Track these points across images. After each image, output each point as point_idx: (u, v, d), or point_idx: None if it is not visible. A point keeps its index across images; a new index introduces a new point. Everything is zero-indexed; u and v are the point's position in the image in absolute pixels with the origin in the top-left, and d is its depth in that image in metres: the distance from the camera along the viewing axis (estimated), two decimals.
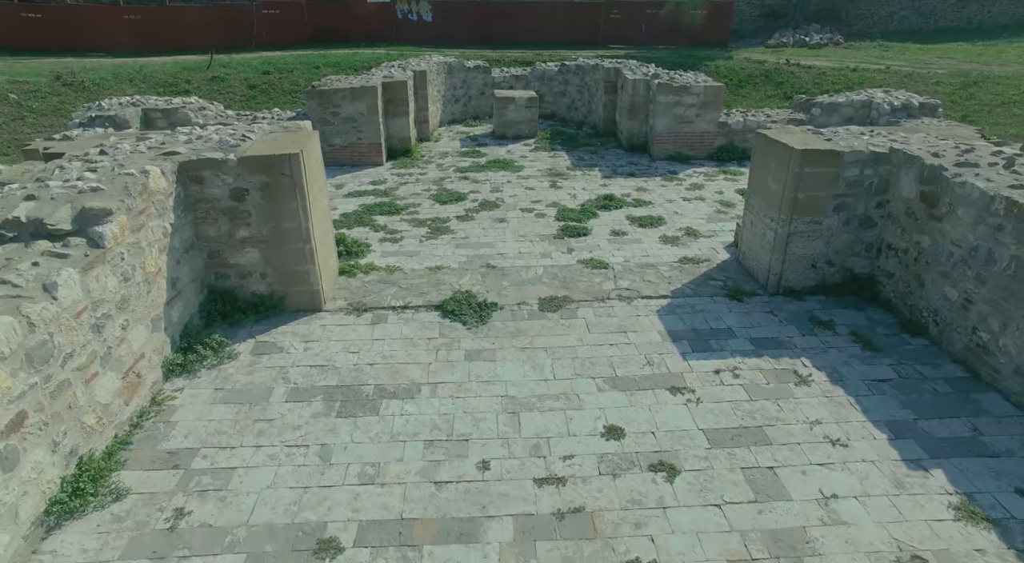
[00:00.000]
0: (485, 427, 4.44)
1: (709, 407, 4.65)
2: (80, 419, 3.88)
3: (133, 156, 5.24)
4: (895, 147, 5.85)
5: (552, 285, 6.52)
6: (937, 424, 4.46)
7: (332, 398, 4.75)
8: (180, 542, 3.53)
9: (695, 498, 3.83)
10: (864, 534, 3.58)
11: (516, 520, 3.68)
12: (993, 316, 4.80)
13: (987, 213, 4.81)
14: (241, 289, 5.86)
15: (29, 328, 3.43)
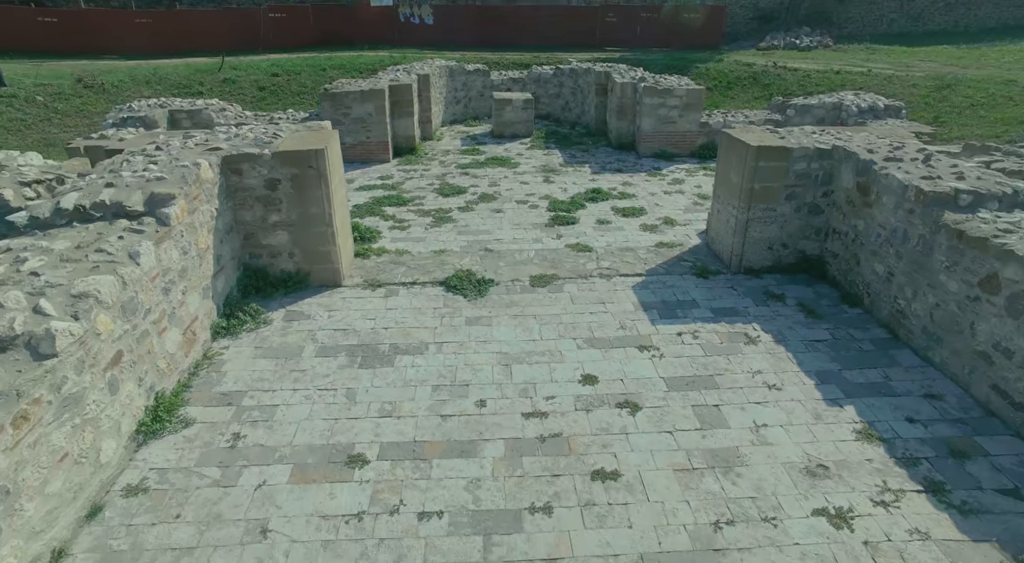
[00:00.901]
0: (482, 376, 5.35)
1: (670, 361, 5.56)
2: (156, 363, 4.80)
3: (184, 151, 6.16)
4: (837, 144, 6.77)
5: (542, 265, 7.44)
6: (857, 373, 5.38)
7: (354, 354, 5.67)
8: (239, 456, 4.45)
9: (652, 427, 4.75)
10: (783, 451, 4.49)
11: (507, 442, 4.59)
12: (907, 286, 5.71)
13: (903, 199, 5.73)
14: (272, 266, 6.78)
15: (123, 286, 4.34)
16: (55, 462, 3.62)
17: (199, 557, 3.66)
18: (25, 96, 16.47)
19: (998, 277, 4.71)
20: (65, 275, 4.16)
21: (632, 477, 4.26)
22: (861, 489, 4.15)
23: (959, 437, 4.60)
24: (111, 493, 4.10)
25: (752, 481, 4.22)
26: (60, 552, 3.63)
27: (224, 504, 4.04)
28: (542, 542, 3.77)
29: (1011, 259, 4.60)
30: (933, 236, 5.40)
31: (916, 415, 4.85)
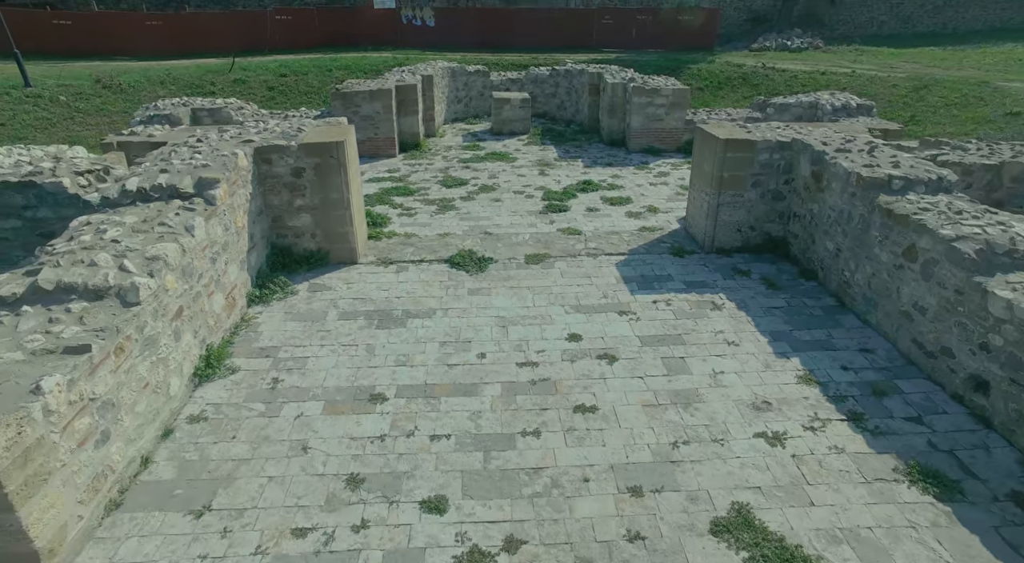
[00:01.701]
0: (483, 334, 6.23)
1: (645, 323, 6.44)
2: (206, 320, 5.67)
3: (222, 143, 7.04)
4: (796, 138, 7.65)
5: (536, 246, 8.31)
6: (805, 333, 6.26)
7: (371, 318, 6.54)
8: (279, 395, 5.32)
9: (626, 373, 5.62)
10: (735, 391, 5.37)
11: (503, 385, 5.47)
12: (851, 259, 6.59)
13: (847, 184, 6.61)
14: (296, 246, 7.66)
15: (183, 253, 5.22)
16: (140, 388, 4.50)
17: (254, 465, 4.54)
18: (49, 96, 17.34)
19: (915, 247, 5.59)
20: (139, 242, 5.04)
21: (607, 410, 5.14)
22: (795, 419, 5.02)
23: (882, 380, 5.48)
24: (178, 420, 4.98)
25: (707, 413, 5.10)
26: (146, 459, 4.51)
27: (270, 429, 4.92)
28: (531, 456, 4.64)
29: (925, 232, 5.47)
30: (870, 215, 6.27)
31: (850, 365, 5.72)
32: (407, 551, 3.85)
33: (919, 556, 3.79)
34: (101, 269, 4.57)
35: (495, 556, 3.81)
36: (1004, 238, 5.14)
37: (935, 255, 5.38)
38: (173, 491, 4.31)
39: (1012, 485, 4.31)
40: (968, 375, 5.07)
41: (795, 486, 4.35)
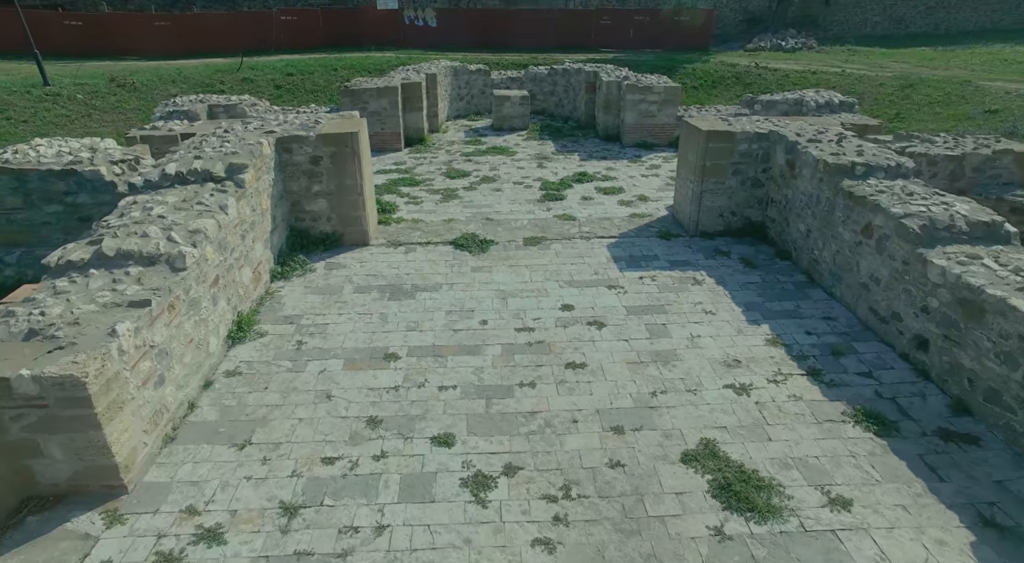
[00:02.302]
0: (485, 305, 6.90)
1: (631, 296, 7.11)
2: (237, 290, 6.35)
3: (247, 133, 7.71)
4: (772, 130, 8.33)
5: (533, 230, 8.99)
6: (776, 304, 6.93)
7: (383, 291, 7.22)
8: (304, 354, 5.99)
9: (613, 337, 6.29)
10: (709, 352, 6.04)
11: (503, 346, 6.14)
12: (819, 239, 7.26)
13: (816, 171, 7.28)
14: (313, 228, 8.33)
15: (219, 228, 5.89)
16: (187, 343, 5.17)
17: (285, 410, 5.21)
18: (68, 95, 18.03)
19: (871, 225, 6.26)
20: (181, 218, 5.71)
21: (595, 367, 5.81)
22: (761, 373, 5.69)
23: (840, 343, 6.15)
24: (216, 374, 5.65)
25: (683, 369, 5.77)
26: (192, 404, 5.19)
27: (297, 381, 5.59)
28: (527, 403, 5.31)
29: (879, 210, 6.15)
30: (835, 198, 6.94)
31: (813, 330, 6.40)
32: (421, 475, 4.53)
33: (855, 476, 4.47)
34: (152, 239, 5.25)
35: (496, 479, 4.49)
36: (945, 215, 5.81)
37: (887, 231, 6.05)
38: (217, 429, 4.98)
39: (939, 423, 4.98)
40: (912, 335, 5.74)
41: (756, 426, 5.03)
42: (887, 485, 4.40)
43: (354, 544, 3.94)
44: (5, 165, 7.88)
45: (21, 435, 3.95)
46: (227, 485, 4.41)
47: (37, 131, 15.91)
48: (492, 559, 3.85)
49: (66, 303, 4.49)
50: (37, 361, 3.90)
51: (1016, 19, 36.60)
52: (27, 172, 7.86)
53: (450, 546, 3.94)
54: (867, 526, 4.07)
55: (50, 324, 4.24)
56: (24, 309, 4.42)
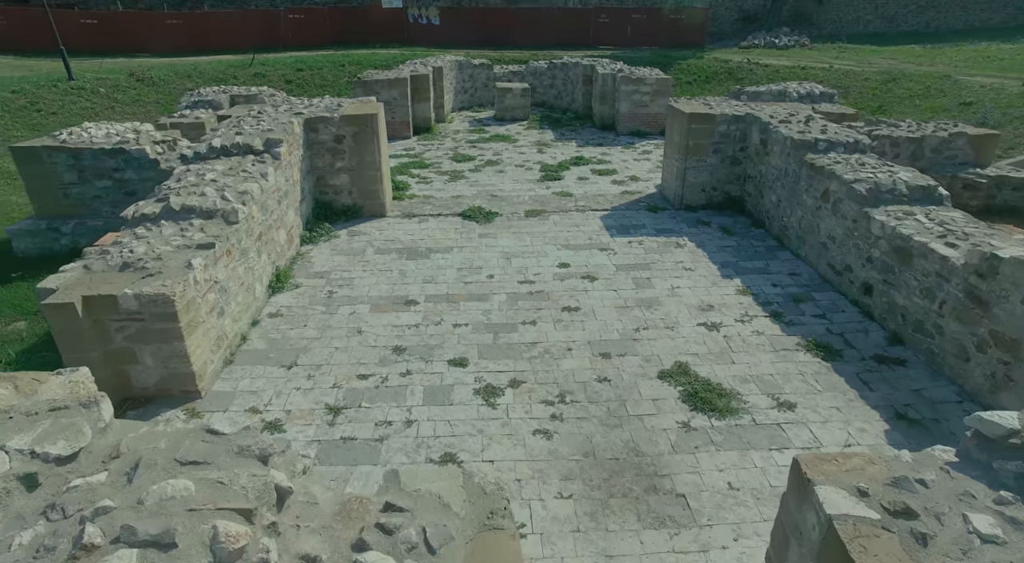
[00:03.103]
0: (491, 263, 7.83)
1: (621, 256, 8.04)
2: (275, 247, 7.28)
3: (278, 114, 8.64)
4: (748, 112, 9.25)
5: (534, 204, 9.92)
6: (748, 263, 7.85)
7: (401, 253, 8.15)
8: (335, 301, 6.92)
9: (604, 288, 7.22)
10: (687, 299, 6.96)
11: (507, 295, 7.06)
12: (787, 206, 8.19)
13: (784, 147, 8.20)
14: (335, 201, 9.26)
15: (261, 191, 6.82)
16: (239, 285, 6.10)
17: (323, 341, 6.14)
18: (91, 89, 18.95)
19: (828, 190, 7.19)
20: (230, 182, 6.64)
21: (587, 310, 6.73)
22: (730, 315, 6.62)
23: (801, 293, 7.08)
24: (261, 315, 6.58)
25: (663, 312, 6.70)
26: (244, 336, 6.12)
27: (331, 321, 6.52)
28: (529, 336, 6.24)
29: (834, 177, 7.07)
30: (800, 170, 7.87)
31: (778, 283, 7.33)
32: (440, 386, 5.46)
33: (800, 388, 5.40)
34: (209, 198, 6.18)
35: (503, 389, 5.41)
36: (889, 180, 6.74)
37: (841, 195, 6.98)
38: (267, 355, 5.91)
39: (876, 351, 5.91)
40: (860, 283, 6.67)
41: (723, 353, 5.95)
42: (826, 394, 5.33)
43: (388, 433, 4.87)
44: (63, 144, 8.81)
45: (123, 344, 4.88)
46: (280, 394, 5.34)
47: (65, 122, 16.81)
48: (501, 443, 4.78)
49: (147, 244, 5.43)
50: (135, 284, 4.83)
51: (1004, 18, 37.54)
52: (82, 151, 8.79)
53: (466, 434, 4.87)
54: (806, 421, 4.99)
55: (138, 259, 5.17)
56: (115, 249, 5.35)
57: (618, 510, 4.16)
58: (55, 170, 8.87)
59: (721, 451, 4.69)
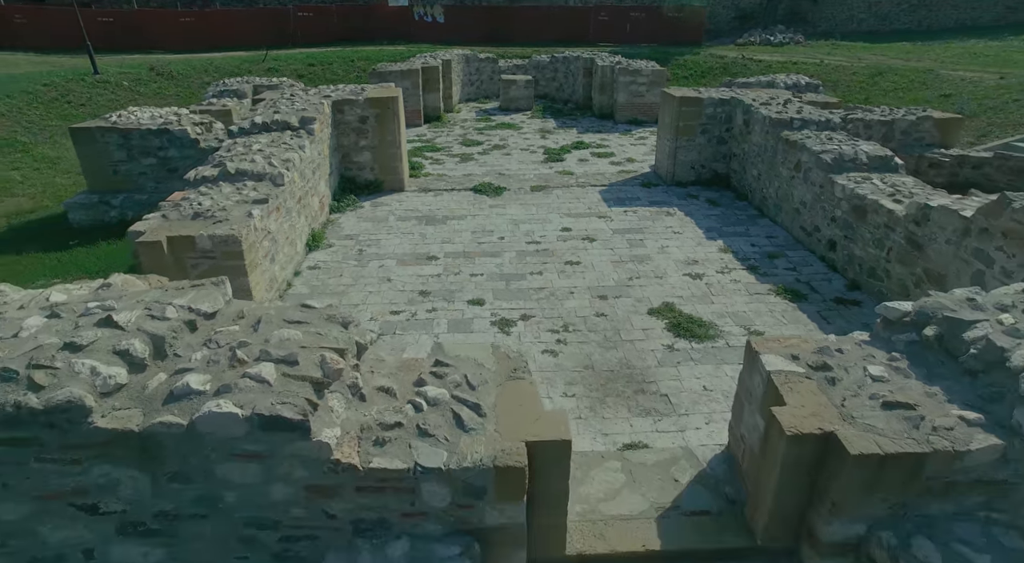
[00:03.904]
0: (501, 228, 8.78)
1: (617, 222, 8.99)
2: (310, 212, 8.22)
3: (309, 97, 9.60)
4: (733, 96, 10.20)
5: (538, 181, 10.87)
6: (730, 228, 8.80)
7: (420, 220, 9.09)
8: (365, 257, 7.87)
9: (602, 247, 8.16)
10: (675, 255, 7.91)
11: (517, 252, 8.01)
12: (766, 179, 9.14)
13: (764, 126, 9.15)
14: (358, 177, 10.21)
15: (300, 160, 7.77)
16: (285, 239, 7.05)
17: (358, 287, 7.09)
18: (115, 82, 19.91)
19: (800, 161, 8.14)
20: (275, 151, 7.59)
21: (587, 264, 7.68)
22: (712, 268, 7.57)
23: (776, 251, 8.02)
24: (301, 268, 7.54)
25: (653, 265, 7.64)
26: (288, 284, 7.07)
27: (363, 272, 7.47)
28: (536, 282, 7.19)
29: (804, 149, 8.02)
30: (777, 145, 8.81)
31: (756, 243, 8.28)
32: (462, 320, 6.40)
33: (769, 321, 6.34)
34: (258, 163, 7.13)
35: (515, 322, 6.36)
36: (851, 151, 7.69)
37: (810, 164, 7.92)
38: (310, 298, 6.84)
39: (836, 295, 6.87)
40: (826, 240, 7.62)
41: (704, 296, 6.90)
42: (790, 325, 6.28)
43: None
44: (114, 125, 9.76)
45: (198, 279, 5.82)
46: None
47: (92, 113, 17.76)
48: None
49: (212, 200, 6.37)
50: (207, 228, 5.77)
51: (994, 17, 38.45)
52: (131, 131, 9.74)
53: None
54: None
55: (206, 210, 6.12)
56: (185, 203, 6.30)
57: (612, 405, 5.11)
58: (107, 149, 9.81)
59: (698, 365, 5.64)
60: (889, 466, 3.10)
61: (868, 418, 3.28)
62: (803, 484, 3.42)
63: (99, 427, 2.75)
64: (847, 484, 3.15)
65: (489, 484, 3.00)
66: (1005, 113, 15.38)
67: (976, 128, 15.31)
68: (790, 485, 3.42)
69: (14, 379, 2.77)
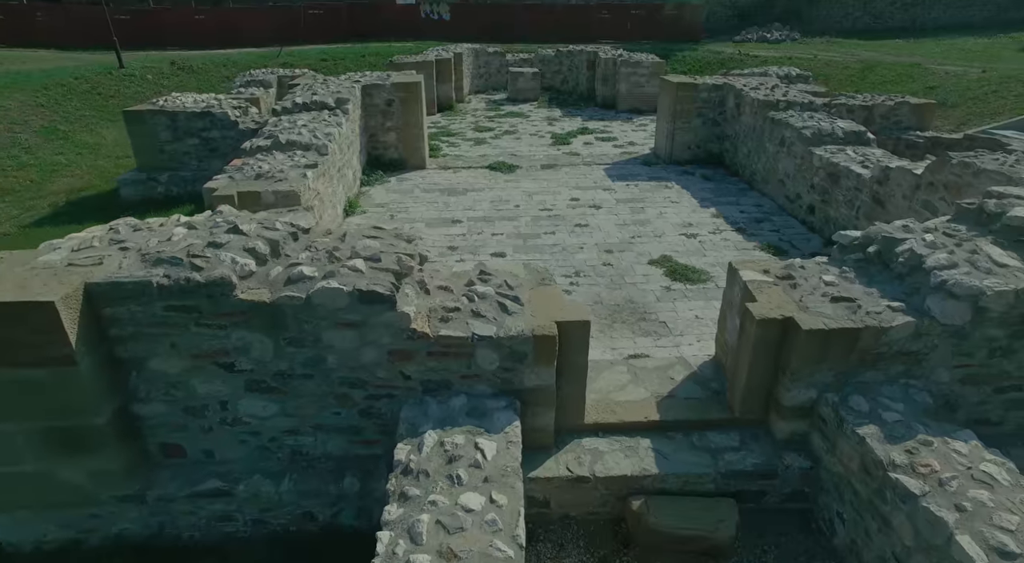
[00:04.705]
0: (516, 198, 9.76)
1: (620, 193, 9.96)
2: (346, 182, 9.20)
3: (341, 82, 10.57)
4: (725, 82, 11.18)
5: (547, 161, 11.85)
6: (722, 199, 9.78)
7: (443, 191, 10.08)
8: (396, 221, 8.85)
9: (607, 213, 9.14)
10: (672, 219, 8.89)
11: (531, 217, 8.99)
12: (755, 155, 10.11)
13: (753, 107, 10.12)
14: (384, 155, 11.19)
15: (339, 135, 8.74)
16: (328, 201, 8.02)
17: None
18: (140, 75, 20.88)
19: (784, 137, 9.11)
20: (317, 126, 8.57)
21: (594, 226, 8.66)
22: (705, 229, 8.54)
23: (763, 217, 9.00)
24: None
25: (653, 227, 8.62)
26: None
27: None
28: (550, 240, 8.17)
29: (789, 126, 8.99)
30: (764, 124, 9.78)
31: (745, 210, 9.25)
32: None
33: None
34: (304, 136, 8.11)
35: None
36: (829, 127, 8.66)
37: (793, 139, 8.90)
38: None
39: (813, 251, 7.84)
40: (806, 206, 8.59)
41: (697, 251, 7.87)
42: None
43: None
44: (162, 109, 10.74)
45: None
46: None
47: (122, 104, 18.72)
48: None
49: (269, 164, 7.35)
50: (271, 186, 6.74)
51: (987, 15, 39.44)
52: (177, 114, 10.71)
53: None
54: None
55: (267, 172, 7.09)
56: (246, 167, 7.27)
57: (619, 329, 6.08)
58: (155, 130, 10.78)
59: (692, 301, 6.61)
60: (833, 339, 4.07)
61: (819, 308, 4.25)
62: (770, 362, 4.38)
63: (241, 299, 3.72)
64: (801, 355, 4.12)
65: (529, 350, 3.97)
66: (984, 103, 16.35)
67: (958, 117, 16.30)
68: (760, 363, 4.39)
69: (180, 264, 3.74)
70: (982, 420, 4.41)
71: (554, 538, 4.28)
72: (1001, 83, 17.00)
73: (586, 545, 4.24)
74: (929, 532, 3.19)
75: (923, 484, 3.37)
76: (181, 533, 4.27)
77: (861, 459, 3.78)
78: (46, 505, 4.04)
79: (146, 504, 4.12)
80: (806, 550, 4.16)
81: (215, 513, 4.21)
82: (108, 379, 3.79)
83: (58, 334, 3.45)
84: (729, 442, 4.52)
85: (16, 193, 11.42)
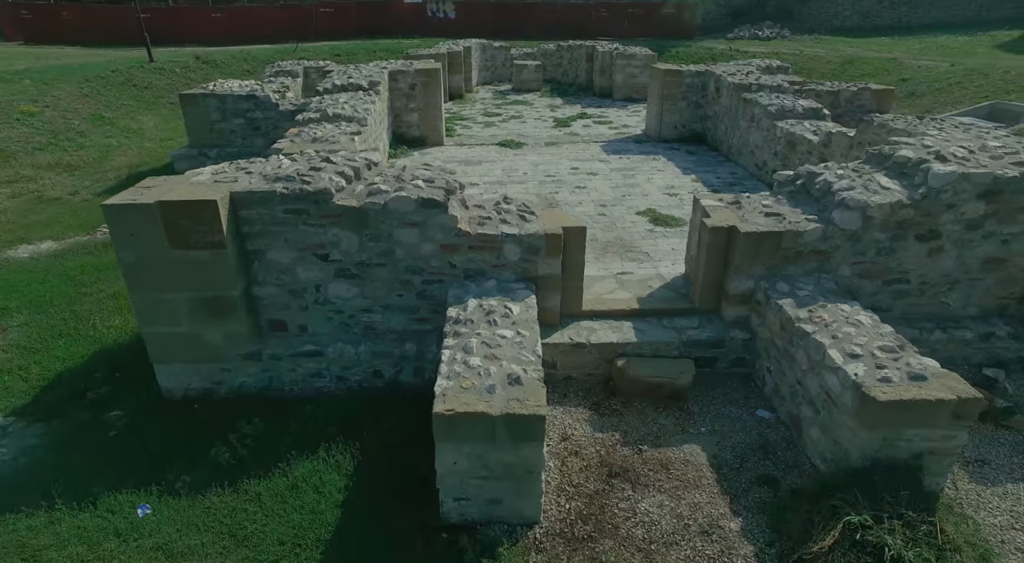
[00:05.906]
0: (524, 167, 11.29)
1: (613, 165, 11.50)
2: (379, 147, 10.71)
3: (371, 68, 12.11)
4: (707, 69, 12.72)
5: (550, 139, 13.40)
6: (702, 168, 11.31)
7: (461, 162, 11.61)
8: None
9: (602, 180, 10.68)
10: (658, 184, 10.42)
11: (537, 182, 10.52)
12: (731, 132, 11.65)
13: (729, 90, 11.66)
14: (407, 133, 12.71)
15: (374, 110, 10.24)
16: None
17: None
18: (168, 69, 22.41)
19: (754, 114, 10.64)
20: (356, 103, 10.09)
21: (591, 188, 10.19)
22: (684, 191, 10.07)
23: (735, 181, 10.54)
24: None
25: (641, 189, 10.15)
26: None
27: None
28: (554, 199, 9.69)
29: (757, 105, 10.54)
30: (738, 104, 11.32)
31: (721, 176, 10.79)
32: None
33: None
34: (347, 110, 9.63)
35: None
36: (791, 104, 10.20)
37: (761, 115, 10.43)
38: None
39: None
40: (771, 171, 10.12)
41: (677, 205, 9.41)
42: None
43: None
44: (211, 92, 12.25)
45: None
46: None
47: (157, 94, 20.28)
48: None
49: (322, 131, 8.87)
50: (327, 146, 8.26)
51: (971, 15, 40.97)
52: (226, 96, 12.22)
53: None
54: None
55: (320, 137, 8.61)
56: (303, 134, 8.79)
57: (610, 257, 7.61)
58: (206, 111, 12.28)
59: (670, 239, 8.14)
60: (764, 241, 5.60)
61: (756, 220, 5.78)
62: (720, 261, 5.91)
63: (338, 204, 5.25)
64: (741, 253, 5.65)
65: (542, 245, 5.49)
66: (948, 93, 17.91)
67: (924, 105, 17.85)
68: (712, 262, 5.91)
69: (294, 180, 5.27)
70: (876, 307, 5.94)
71: (560, 392, 5.79)
72: (965, 75, 18.57)
73: (584, 396, 5.75)
74: (814, 352, 4.72)
75: (815, 327, 4.90)
76: (284, 386, 5.78)
77: (780, 321, 5.31)
78: (193, 359, 5.56)
79: (261, 361, 5.63)
80: (744, 396, 5.69)
81: (309, 370, 5.73)
82: (242, 264, 5.32)
83: (217, 225, 4.97)
84: (690, 324, 6.04)
85: (82, 168, 12.94)
